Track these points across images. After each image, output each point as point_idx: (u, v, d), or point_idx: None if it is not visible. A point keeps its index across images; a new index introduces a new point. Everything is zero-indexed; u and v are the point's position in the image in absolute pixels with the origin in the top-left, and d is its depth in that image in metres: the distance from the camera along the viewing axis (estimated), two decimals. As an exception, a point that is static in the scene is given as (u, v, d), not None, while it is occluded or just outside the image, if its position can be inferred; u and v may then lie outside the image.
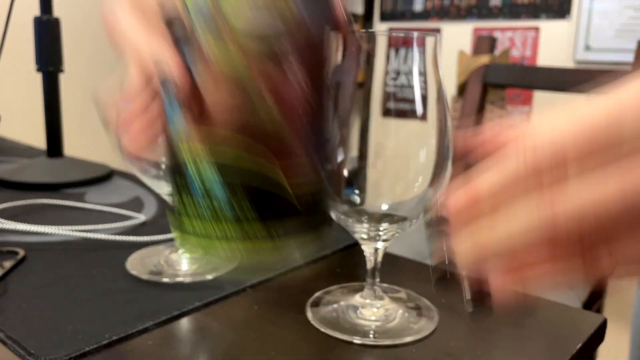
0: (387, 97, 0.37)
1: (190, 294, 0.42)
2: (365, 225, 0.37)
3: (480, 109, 1.30)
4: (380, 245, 0.39)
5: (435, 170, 0.37)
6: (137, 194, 0.70)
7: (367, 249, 0.39)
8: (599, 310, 1.11)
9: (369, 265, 0.39)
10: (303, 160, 0.28)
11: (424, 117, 0.37)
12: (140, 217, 0.59)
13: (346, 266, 0.49)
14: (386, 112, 0.37)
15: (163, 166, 0.44)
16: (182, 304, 0.39)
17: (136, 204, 0.65)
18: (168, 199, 0.45)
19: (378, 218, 0.38)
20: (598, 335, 0.40)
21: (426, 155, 0.37)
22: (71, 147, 1.21)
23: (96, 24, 2.03)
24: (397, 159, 0.37)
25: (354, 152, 0.38)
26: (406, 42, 0.36)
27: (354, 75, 0.37)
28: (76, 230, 0.53)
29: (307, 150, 0.28)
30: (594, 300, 1.09)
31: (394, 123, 0.37)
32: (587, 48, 1.65)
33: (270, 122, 0.26)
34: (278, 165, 0.27)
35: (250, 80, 0.26)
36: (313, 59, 0.28)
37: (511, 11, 1.77)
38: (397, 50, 0.36)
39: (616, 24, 1.61)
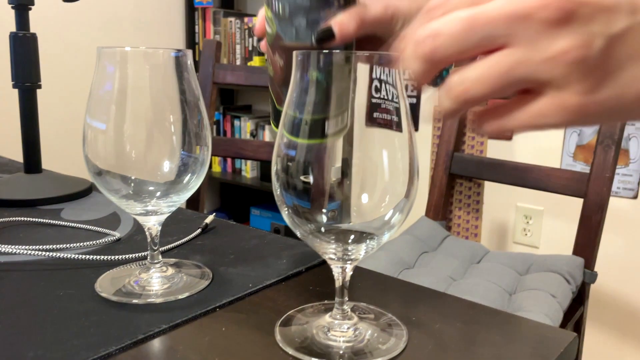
0: (370, 107, 0.37)
1: (158, 316, 0.41)
2: (333, 245, 0.37)
3: (462, 119, 1.30)
4: (348, 265, 0.38)
5: (409, 181, 0.37)
6: (115, 210, 0.69)
7: (335, 268, 0.39)
8: (581, 317, 1.11)
9: (337, 284, 0.39)
10: None
11: (399, 127, 0.37)
12: (115, 235, 0.58)
13: (320, 283, 0.49)
14: (369, 123, 0.37)
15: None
16: (149, 327, 0.39)
17: (112, 221, 0.65)
18: (138, 218, 0.45)
19: (345, 237, 0.37)
20: (569, 352, 0.40)
21: (402, 166, 0.37)
22: (52, 161, 1.21)
23: (73, 38, 2.03)
24: (374, 170, 0.37)
25: (337, 163, 0.38)
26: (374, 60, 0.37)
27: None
28: (45, 250, 0.52)
29: None
30: (577, 307, 1.09)
31: (376, 133, 0.37)
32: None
33: None
34: None
35: None
36: None
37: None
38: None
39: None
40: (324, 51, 0.36)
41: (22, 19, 0.75)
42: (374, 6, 0.42)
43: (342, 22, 0.37)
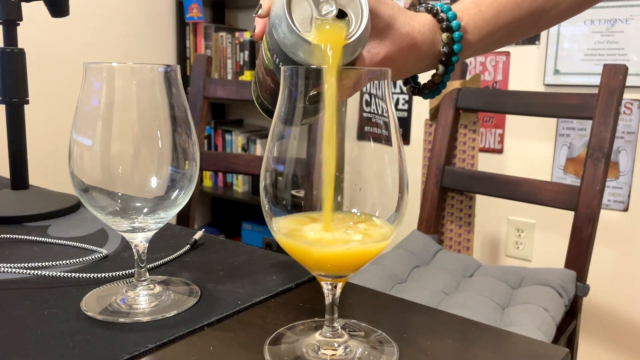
0: (361, 121, 0.37)
1: (145, 335, 0.40)
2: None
3: (453, 133, 1.31)
4: (338, 282, 0.38)
5: (399, 195, 0.37)
6: (103, 226, 0.68)
7: (325, 285, 0.38)
8: (574, 330, 1.11)
9: (327, 301, 0.39)
10: None
11: (388, 141, 0.37)
12: (102, 252, 0.58)
13: (310, 300, 0.48)
14: (361, 136, 0.37)
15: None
16: (135, 347, 0.38)
17: (100, 237, 0.64)
18: (125, 235, 0.44)
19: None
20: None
21: (391, 180, 0.37)
22: (40, 177, 1.19)
23: (62, 54, 2.01)
24: (364, 185, 0.37)
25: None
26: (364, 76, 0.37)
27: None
28: (30, 268, 0.51)
29: None
30: (569, 321, 1.09)
31: (366, 148, 0.37)
32: (556, 72, 1.69)
33: None
34: None
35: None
36: None
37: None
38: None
39: (583, 48, 1.65)
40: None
41: (10, 35, 0.74)
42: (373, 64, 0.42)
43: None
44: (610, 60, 1.60)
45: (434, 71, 0.48)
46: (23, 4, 0.75)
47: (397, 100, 2.04)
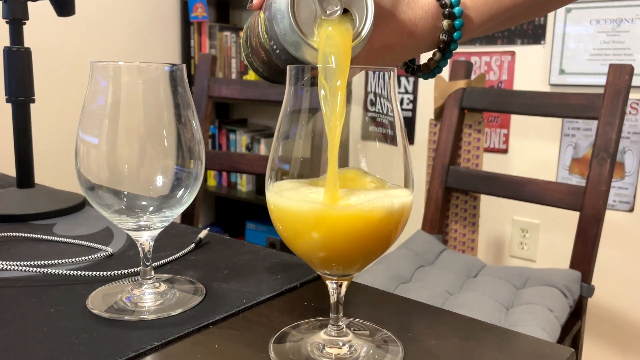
0: (365, 121, 0.37)
1: (150, 333, 0.40)
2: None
3: (458, 132, 1.31)
4: (343, 280, 0.38)
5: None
6: (108, 225, 0.69)
7: (330, 284, 0.38)
8: (579, 331, 1.10)
9: (332, 300, 0.39)
10: None
11: (394, 141, 0.37)
12: (108, 250, 0.58)
13: (315, 299, 0.48)
14: (365, 136, 0.37)
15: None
16: (141, 345, 0.38)
17: (105, 236, 0.64)
18: (131, 234, 0.45)
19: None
20: (567, 368, 0.40)
21: (396, 180, 0.37)
22: (45, 175, 1.20)
23: (67, 53, 2.01)
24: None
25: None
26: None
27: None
28: (36, 266, 0.51)
29: None
30: (574, 322, 1.08)
31: (371, 147, 0.37)
32: (562, 72, 1.68)
33: None
34: None
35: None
36: None
37: (487, 37, 1.81)
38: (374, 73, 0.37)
39: (589, 48, 1.64)
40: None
41: (16, 34, 0.75)
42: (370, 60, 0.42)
43: None
44: (616, 60, 1.59)
45: (430, 54, 0.47)
46: (29, 3, 0.75)
47: (402, 99, 2.04)
